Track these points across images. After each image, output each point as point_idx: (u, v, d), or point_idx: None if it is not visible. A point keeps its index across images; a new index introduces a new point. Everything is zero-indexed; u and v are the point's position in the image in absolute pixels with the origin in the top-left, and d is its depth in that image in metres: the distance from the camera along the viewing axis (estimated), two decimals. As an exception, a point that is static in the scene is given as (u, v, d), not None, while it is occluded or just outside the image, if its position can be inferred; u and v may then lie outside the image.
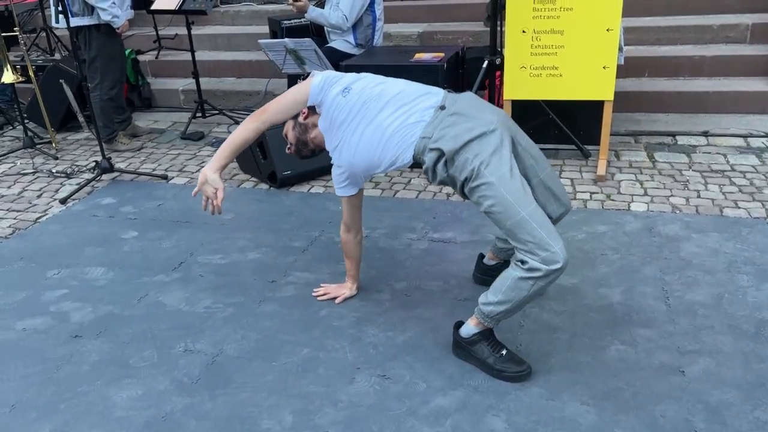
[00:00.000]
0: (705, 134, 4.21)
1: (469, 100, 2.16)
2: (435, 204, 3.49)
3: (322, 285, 2.71)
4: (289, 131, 2.39)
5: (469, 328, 2.18)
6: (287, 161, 3.62)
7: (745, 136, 4.12)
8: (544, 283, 1.97)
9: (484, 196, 1.99)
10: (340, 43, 4.48)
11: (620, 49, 3.60)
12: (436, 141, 2.05)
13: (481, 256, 2.68)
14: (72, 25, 3.85)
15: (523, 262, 1.96)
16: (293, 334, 2.43)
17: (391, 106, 2.15)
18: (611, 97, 3.62)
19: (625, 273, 2.71)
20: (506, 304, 2.04)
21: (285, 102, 2.29)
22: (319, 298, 2.64)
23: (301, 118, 2.35)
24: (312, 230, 3.25)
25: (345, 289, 2.65)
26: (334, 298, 2.62)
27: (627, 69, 4.68)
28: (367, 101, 2.17)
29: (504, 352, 2.15)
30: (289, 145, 2.43)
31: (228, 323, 2.52)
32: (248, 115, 2.32)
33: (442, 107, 2.10)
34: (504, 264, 2.41)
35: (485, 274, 2.62)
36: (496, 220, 2.01)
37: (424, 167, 2.12)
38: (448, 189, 3.69)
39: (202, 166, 4.17)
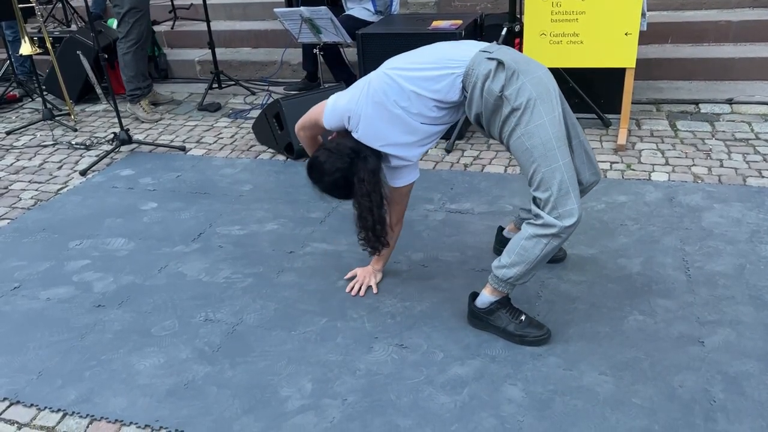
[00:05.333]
0: (729, 102, 4.11)
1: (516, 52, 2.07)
2: (452, 175, 3.47)
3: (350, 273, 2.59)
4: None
5: (485, 297, 2.18)
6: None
7: (770, 104, 4.03)
8: (557, 242, 1.97)
9: (530, 134, 1.90)
10: (359, 10, 4.42)
11: (643, 15, 3.51)
12: (496, 53, 1.94)
13: (501, 229, 2.67)
14: None
15: (537, 216, 1.95)
16: (312, 303, 2.45)
17: (422, 54, 2.05)
18: (633, 65, 3.55)
19: (645, 243, 2.68)
20: (519, 266, 2.03)
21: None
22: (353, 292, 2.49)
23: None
24: (329, 201, 3.24)
25: (371, 275, 2.53)
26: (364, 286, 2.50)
27: (650, 35, 4.56)
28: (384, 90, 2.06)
29: (523, 317, 2.16)
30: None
31: (247, 293, 2.55)
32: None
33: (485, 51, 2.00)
34: None
35: (504, 246, 2.61)
36: (531, 161, 1.92)
37: (471, 84, 1.95)
38: (466, 159, 3.65)
39: (220, 137, 4.24)
